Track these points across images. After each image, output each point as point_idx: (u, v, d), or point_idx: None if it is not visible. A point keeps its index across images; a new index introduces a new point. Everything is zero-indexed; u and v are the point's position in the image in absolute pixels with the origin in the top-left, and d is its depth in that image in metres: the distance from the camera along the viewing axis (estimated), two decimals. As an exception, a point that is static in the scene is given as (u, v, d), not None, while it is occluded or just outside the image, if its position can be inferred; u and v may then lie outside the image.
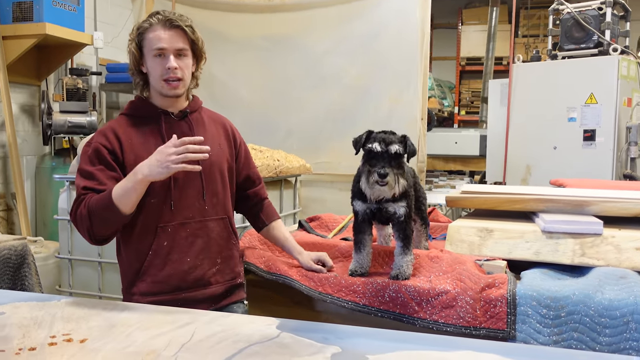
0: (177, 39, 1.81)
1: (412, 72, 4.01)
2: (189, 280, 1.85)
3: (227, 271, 1.94)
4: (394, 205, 1.86)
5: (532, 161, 3.78)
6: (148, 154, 1.75)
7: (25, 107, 4.67)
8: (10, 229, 4.47)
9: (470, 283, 1.75)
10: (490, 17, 9.28)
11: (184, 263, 1.84)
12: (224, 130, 2.02)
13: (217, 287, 1.91)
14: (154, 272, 1.83)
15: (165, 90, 1.84)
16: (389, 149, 1.74)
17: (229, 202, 1.97)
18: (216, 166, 1.91)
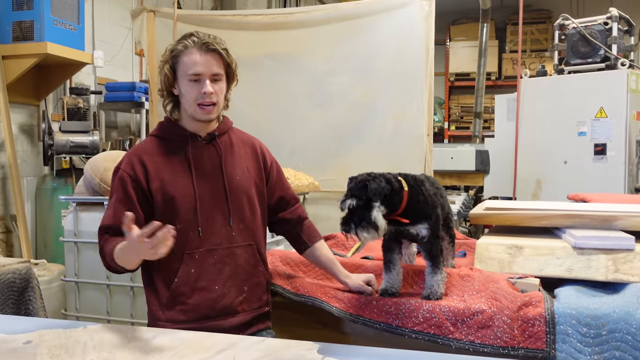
0: (213, 63, 1.78)
1: (416, 88, 4.01)
2: (216, 309, 1.80)
3: (254, 299, 1.89)
4: (415, 228, 1.85)
5: (542, 176, 3.78)
6: (174, 179, 1.77)
7: (25, 127, 4.61)
8: (9, 252, 4.38)
9: (506, 302, 1.72)
10: (481, 33, 9.38)
11: (212, 291, 1.80)
12: (253, 152, 1.97)
13: (244, 315, 1.86)
14: (182, 300, 1.79)
15: (198, 115, 1.81)
16: (343, 206, 1.75)
17: (257, 228, 1.92)
18: (243, 191, 1.87)
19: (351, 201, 1.73)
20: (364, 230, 1.72)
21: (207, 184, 1.82)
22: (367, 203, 1.73)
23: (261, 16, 4.45)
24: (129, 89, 5.01)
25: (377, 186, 1.74)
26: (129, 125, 5.85)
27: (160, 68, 1.82)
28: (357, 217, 1.73)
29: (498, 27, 11.11)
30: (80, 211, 3.10)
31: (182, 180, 1.80)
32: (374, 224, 1.72)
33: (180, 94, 1.82)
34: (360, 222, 1.72)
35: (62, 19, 4.29)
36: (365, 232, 1.72)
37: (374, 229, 1.72)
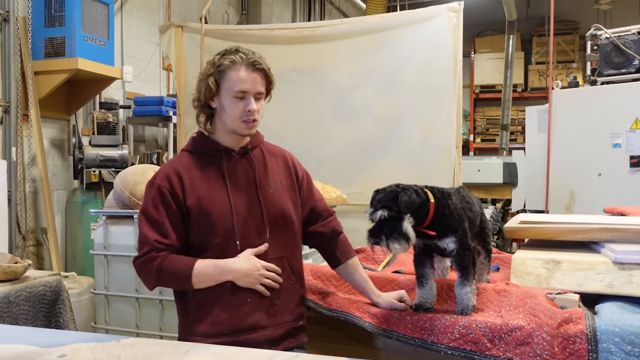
0: (258, 82, 1.79)
1: (444, 100, 3.98)
2: (248, 322, 1.79)
3: (287, 313, 1.85)
4: (443, 242, 1.81)
5: (575, 188, 3.70)
6: (210, 193, 1.77)
7: (55, 142, 4.69)
8: (40, 265, 4.44)
9: (545, 318, 1.67)
10: (507, 45, 9.33)
11: (244, 304, 1.79)
12: (285, 164, 1.96)
13: (275, 329, 1.83)
14: (215, 312, 1.78)
15: (241, 130, 1.81)
16: (374, 217, 1.72)
17: (291, 241, 1.90)
18: (277, 204, 1.86)
19: (382, 212, 1.71)
20: (395, 242, 1.69)
21: (242, 197, 1.82)
22: (398, 214, 1.71)
23: (287, 30, 4.47)
24: (156, 103, 5.07)
25: (409, 198, 1.72)
26: (156, 139, 5.92)
27: (201, 80, 1.82)
28: (388, 229, 1.70)
29: (524, 39, 11.04)
30: (110, 224, 3.12)
31: (218, 195, 1.80)
32: (405, 235, 1.70)
33: (220, 107, 1.82)
34: (391, 233, 1.70)
35: (92, 35, 4.37)
36: (396, 244, 1.69)
37: (405, 240, 1.70)
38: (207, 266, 1.75)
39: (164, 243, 1.75)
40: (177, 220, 1.77)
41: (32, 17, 4.31)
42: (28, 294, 2.91)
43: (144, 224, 1.78)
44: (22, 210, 4.19)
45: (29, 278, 2.98)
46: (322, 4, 9.47)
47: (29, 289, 2.93)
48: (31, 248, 4.32)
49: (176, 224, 1.77)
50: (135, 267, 1.79)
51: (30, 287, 2.94)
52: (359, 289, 1.99)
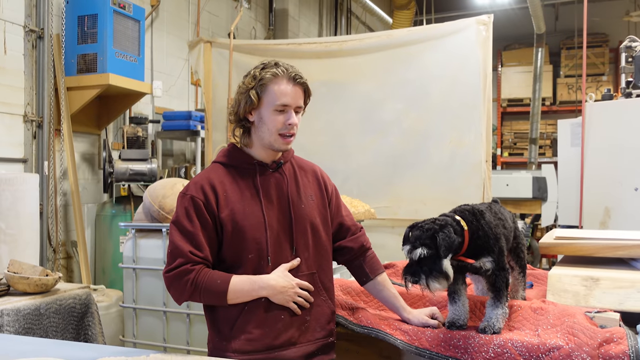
0: (299, 96, 1.79)
1: (473, 114, 3.94)
2: (281, 339, 1.76)
3: (318, 329, 1.83)
4: (479, 261, 1.76)
5: (611, 204, 3.60)
6: (243, 207, 1.77)
7: (86, 156, 4.76)
8: (69, 277, 4.49)
9: (585, 338, 1.61)
10: (535, 58, 9.24)
11: (278, 321, 1.76)
12: (315, 179, 1.95)
13: (307, 346, 1.80)
14: (249, 329, 1.75)
15: (278, 145, 1.80)
16: (412, 256, 1.67)
17: (321, 257, 1.88)
18: (307, 219, 1.85)
19: (422, 251, 1.66)
20: (435, 281, 1.65)
21: (275, 212, 1.81)
22: (437, 252, 1.66)
23: (315, 44, 4.49)
24: (185, 117, 5.12)
25: (448, 239, 1.66)
26: (184, 153, 5.97)
27: (241, 93, 1.81)
28: (427, 267, 1.66)
29: (552, 52, 10.91)
30: (139, 238, 3.14)
31: (252, 209, 1.78)
32: (445, 274, 1.66)
33: (259, 120, 1.80)
34: (430, 272, 1.65)
35: (123, 51, 4.44)
36: (436, 283, 1.65)
37: (444, 279, 1.66)
38: (244, 282, 1.73)
39: (198, 256, 1.71)
40: (211, 233, 1.75)
41: (65, 34, 4.40)
42: (58, 307, 2.94)
43: (177, 235, 1.74)
44: (53, 224, 4.26)
45: (59, 291, 3.01)
46: (349, 19, 9.51)
47: (59, 302, 2.96)
48: (61, 261, 4.38)
49: (210, 237, 1.75)
50: (165, 280, 1.74)
51: (60, 300, 2.96)
52: (389, 305, 1.96)
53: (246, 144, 1.85)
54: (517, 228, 1.96)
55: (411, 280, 1.68)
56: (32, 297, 2.83)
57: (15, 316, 2.68)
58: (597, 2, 9.74)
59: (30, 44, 4.21)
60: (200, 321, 2.95)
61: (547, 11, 9.55)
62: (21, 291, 2.84)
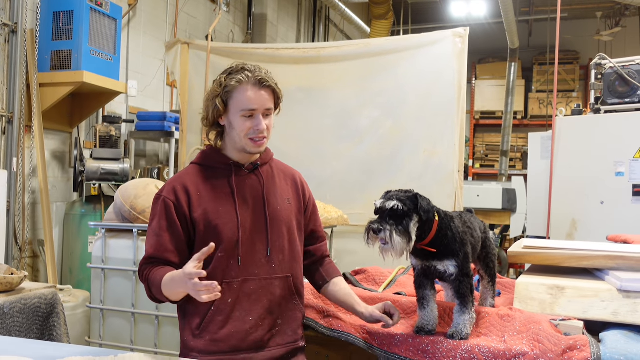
0: (266, 99, 1.77)
1: (447, 125, 4.00)
2: (248, 341, 1.76)
3: (289, 333, 1.83)
4: (442, 264, 1.79)
5: (577, 216, 3.69)
6: (216, 207, 1.76)
7: (56, 154, 4.68)
8: (35, 277, 4.39)
9: (549, 345, 1.65)
10: (508, 72, 9.42)
11: (245, 322, 1.76)
12: (294, 184, 1.95)
13: (276, 350, 1.80)
14: (214, 329, 1.75)
15: (249, 148, 1.80)
16: (385, 205, 1.68)
17: (295, 261, 1.88)
18: (284, 222, 1.85)
19: (397, 203, 1.67)
20: (399, 235, 1.66)
21: (249, 213, 1.81)
22: (408, 213, 1.68)
23: (293, 50, 4.51)
24: (160, 118, 5.08)
25: (428, 204, 1.72)
26: (157, 154, 5.92)
27: (209, 99, 1.81)
28: (394, 221, 1.67)
29: (524, 67, 11.14)
30: (109, 238, 3.10)
31: (225, 209, 1.78)
32: (408, 234, 1.67)
33: (229, 126, 1.81)
34: (397, 226, 1.66)
35: (99, 49, 4.39)
36: (399, 237, 1.66)
37: (407, 239, 1.67)
38: (168, 277, 1.68)
39: (157, 257, 1.74)
40: (178, 233, 1.76)
41: (40, 29, 4.33)
42: (23, 306, 2.87)
43: (148, 235, 1.79)
44: (20, 222, 4.17)
45: (24, 290, 2.94)
46: (327, 27, 9.57)
47: (24, 301, 2.89)
48: (27, 260, 4.29)
49: (177, 237, 1.76)
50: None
51: (25, 299, 2.90)
52: (345, 305, 1.92)
53: (221, 146, 1.86)
54: (488, 238, 2.00)
55: (375, 228, 1.66)
56: (-4, 296, 2.76)
57: (-22, 314, 2.61)
58: (569, 21, 9.99)
59: (2, 38, 4.13)
60: (169, 323, 2.92)
61: (521, 27, 9.75)
62: (-15, 289, 2.78)
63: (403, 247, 1.67)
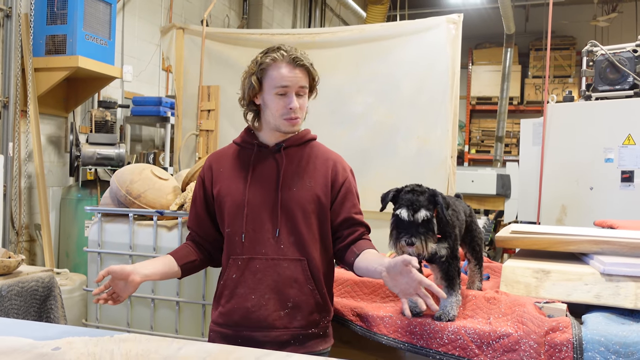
0: (300, 78, 1.80)
1: (441, 110, 4.01)
2: (251, 319, 1.79)
3: (298, 317, 1.79)
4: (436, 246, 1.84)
5: (567, 201, 3.74)
6: (229, 184, 1.85)
7: (52, 139, 4.70)
8: (32, 261, 4.44)
9: (533, 326, 1.70)
10: (504, 58, 9.42)
11: (247, 300, 1.79)
12: (324, 168, 1.87)
13: (283, 331, 1.79)
14: (222, 302, 1.84)
15: (284, 127, 1.83)
16: (415, 218, 1.69)
17: (313, 245, 1.81)
18: (298, 204, 1.81)
19: (426, 213, 1.69)
20: (431, 241, 1.70)
21: (261, 192, 1.82)
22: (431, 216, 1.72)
23: (288, 35, 4.51)
24: (155, 103, 5.09)
25: (444, 198, 1.76)
26: (153, 139, 5.94)
27: (245, 78, 1.85)
28: (424, 228, 1.69)
29: (521, 53, 11.13)
30: (105, 222, 3.13)
31: (236, 186, 1.84)
32: (435, 234, 1.72)
33: (264, 105, 1.84)
34: (427, 233, 1.69)
35: (94, 33, 4.39)
36: (432, 243, 1.70)
37: (435, 239, 1.72)
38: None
39: (189, 227, 1.97)
40: (202, 207, 1.92)
41: (34, 14, 4.33)
42: (20, 289, 2.92)
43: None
44: (17, 206, 4.20)
45: (21, 273, 2.99)
46: (323, 11, 9.54)
47: (22, 284, 2.94)
48: (24, 244, 4.33)
49: (200, 210, 1.92)
50: None
51: (22, 282, 2.95)
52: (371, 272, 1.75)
53: (256, 127, 1.91)
54: (474, 222, 2.05)
55: (409, 242, 1.66)
56: (-7, 279, 2.80)
57: (-23, 297, 2.66)
58: (566, 6, 9.97)
59: (-3, 22, 4.14)
60: (165, 306, 2.97)
61: (517, 12, 9.74)
62: (-17, 272, 2.82)
63: (433, 248, 1.72)
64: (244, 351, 1.54)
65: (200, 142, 4.41)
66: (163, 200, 2.95)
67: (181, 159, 4.46)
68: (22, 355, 1.43)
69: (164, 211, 2.82)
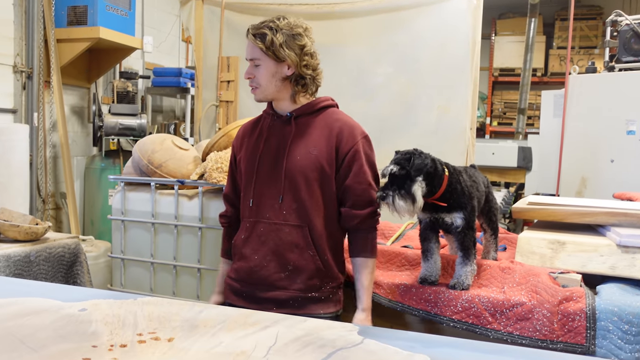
0: (250, 49, 1.86)
1: (461, 81, 3.98)
2: (254, 277, 1.91)
3: (297, 281, 1.86)
4: (449, 216, 1.86)
5: (587, 174, 3.71)
6: (247, 152, 1.95)
7: (75, 109, 4.77)
8: (58, 228, 4.56)
9: (546, 296, 1.72)
10: (528, 28, 9.21)
11: (251, 260, 1.91)
12: (329, 135, 1.86)
13: (282, 292, 1.88)
14: (234, 259, 1.98)
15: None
16: (384, 171, 1.77)
17: (314, 212, 1.85)
18: (300, 172, 1.84)
19: (393, 167, 1.75)
20: (401, 199, 1.72)
21: (270, 160, 1.90)
22: (409, 175, 1.74)
23: (307, 6, 4.48)
24: (175, 74, 5.12)
25: (421, 162, 1.76)
26: (174, 110, 5.99)
27: None
28: (396, 186, 1.74)
29: (546, 23, 10.86)
30: (128, 191, 3.20)
31: (252, 154, 1.93)
32: (412, 196, 1.73)
33: None
34: (399, 190, 1.73)
35: (114, 4, 4.41)
36: (402, 201, 1.72)
37: (410, 201, 1.73)
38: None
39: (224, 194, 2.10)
40: (233, 174, 2.05)
41: (55, -16, 4.36)
42: (48, 255, 3.02)
43: None
44: (43, 175, 4.30)
45: (48, 240, 3.08)
46: (343, -20, 9.39)
47: (49, 250, 3.04)
48: (50, 211, 4.44)
49: (232, 178, 2.06)
50: None
51: (49, 248, 3.05)
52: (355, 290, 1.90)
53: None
54: (491, 192, 2.06)
55: (379, 196, 1.75)
56: (22, 245, 2.90)
57: (6, 262, 2.76)
58: (593, -26, 9.68)
59: (20, -7, 4.17)
60: (187, 273, 3.05)
61: (543, -20, 9.49)
62: (11, 238, 2.91)
63: (408, 209, 1.74)
64: (261, 315, 1.59)
65: (220, 112, 4.45)
66: (184, 169, 3.00)
67: (201, 130, 4.51)
68: (51, 316, 1.50)
69: (184, 180, 2.87)
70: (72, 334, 1.38)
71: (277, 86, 1.86)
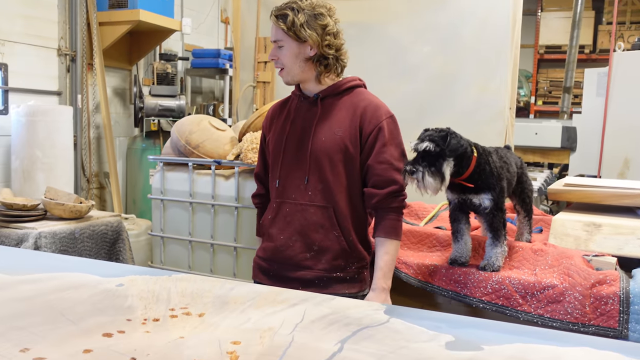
0: (274, 30, 1.88)
1: (500, 59, 3.88)
2: (280, 257, 1.94)
3: (322, 260, 1.89)
4: (477, 197, 1.84)
5: (630, 154, 3.59)
6: (275, 133, 1.97)
7: (118, 91, 4.89)
8: (102, 206, 4.71)
9: (579, 278, 1.70)
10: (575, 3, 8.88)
11: (277, 240, 1.94)
12: (353, 115, 1.86)
13: (307, 272, 1.90)
14: (263, 239, 2.02)
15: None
16: (418, 146, 1.75)
17: (339, 193, 1.86)
18: (325, 152, 1.85)
19: (429, 144, 1.74)
20: (431, 176, 1.72)
21: (296, 141, 1.92)
22: (442, 154, 1.74)
23: (345, -16, 4.43)
24: (214, 55, 5.18)
25: (457, 142, 1.76)
26: (212, 91, 6.06)
27: None
28: (427, 163, 1.74)
29: (603, -2, 10.46)
30: (167, 171, 3.28)
31: (279, 135, 1.96)
32: (442, 174, 1.73)
33: None
34: (429, 167, 1.73)
35: (154, -13, 4.48)
36: (431, 179, 1.72)
37: (440, 179, 1.73)
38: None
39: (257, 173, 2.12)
40: (263, 152, 2.08)
41: (97, -32, 4.45)
42: (91, 232, 3.14)
43: None
44: (87, 155, 4.44)
45: (92, 217, 3.20)
46: (383, -43, 9.24)
47: (92, 228, 3.16)
48: (94, 190, 4.59)
49: (262, 157, 2.09)
50: None
51: (93, 226, 3.17)
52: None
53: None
54: (525, 173, 2.02)
55: (409, 170, 1.74)
56: (67, 222, 3.03)
57: (52, 239, 2.88)
58: (647, -56, 9.23)
59: (63, -23, 4.28)
60: (223, 251, 3.12)
61: (592, -48, 9.11)
62: (57, 216, 3.04)
63: (436, 187, 1.74)
64: (291, 293, 1.63)
65: (258, 93, 4.48)
66: (220, 150, 3.05)
67: (239, 111, 4.55)
68: (89, 290, 1.57)
69: (221, 161, 2.93)
70: (108, 308, 1.45)
71: (301, 67, 1.86)
